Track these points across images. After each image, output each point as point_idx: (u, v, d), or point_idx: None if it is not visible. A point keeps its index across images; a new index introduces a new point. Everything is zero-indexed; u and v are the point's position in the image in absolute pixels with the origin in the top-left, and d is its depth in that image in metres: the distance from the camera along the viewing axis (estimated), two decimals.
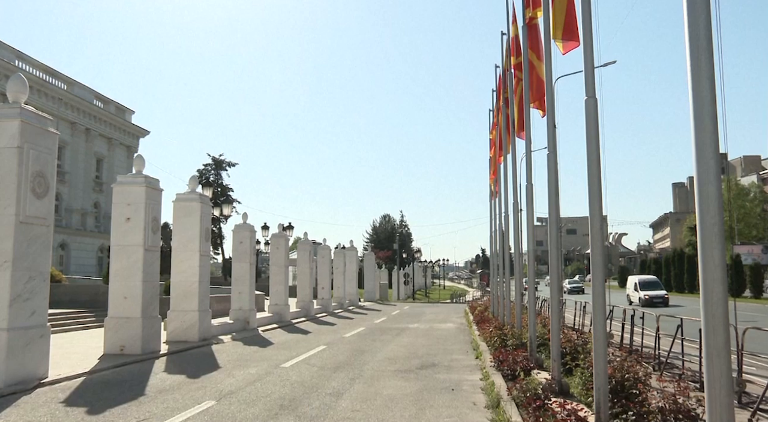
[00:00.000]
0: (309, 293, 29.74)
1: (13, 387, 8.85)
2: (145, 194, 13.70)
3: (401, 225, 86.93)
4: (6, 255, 9.20)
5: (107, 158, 51.07)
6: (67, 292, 22.35)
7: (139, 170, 14.06)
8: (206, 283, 16.76)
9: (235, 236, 21.57)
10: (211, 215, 18.05)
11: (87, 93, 48.71)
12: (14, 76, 10.07)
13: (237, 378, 10.36)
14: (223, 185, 59.06)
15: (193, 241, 16.25)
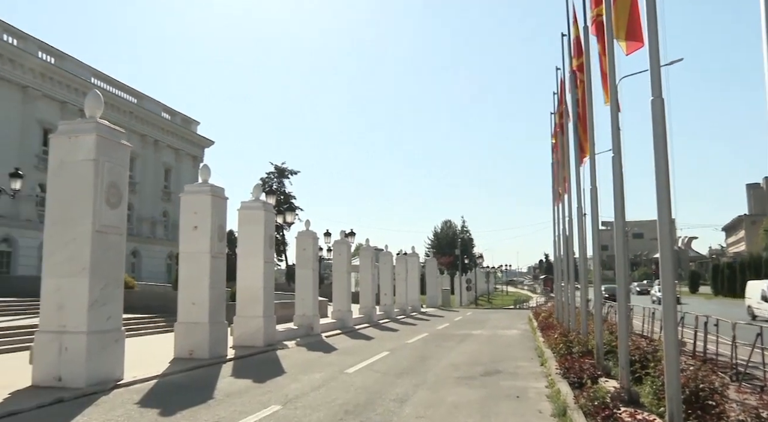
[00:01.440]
0: (371, 299, 29.86)
1: (93, 387, 9.25)
2: (211, 203, 14.06)
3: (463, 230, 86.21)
4: (84, 263, 9.62)
5: (174, 168, 52.75)
6: (139, 298, 23.16)
7: (205, 179, 14.44)
8: (271, 289, 17.06)
9: (298, 243, 21.87)
10: (274, 222, 18.37)
11: (156, 106, 50.51)
12: (91, 92, 10.56)
13: (302, 383, 10.51)
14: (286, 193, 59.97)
15: (257, 248, 16.57)
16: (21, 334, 14.86)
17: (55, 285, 9.76)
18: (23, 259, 36.77)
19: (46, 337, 9.62)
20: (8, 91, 36.77)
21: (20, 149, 36.68)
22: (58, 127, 10.35)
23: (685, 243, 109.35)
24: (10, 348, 13.87)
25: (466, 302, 59.94)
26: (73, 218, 9.79)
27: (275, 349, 15.89)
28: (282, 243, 57.67)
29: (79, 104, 37.27)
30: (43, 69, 38.75)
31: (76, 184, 9.85)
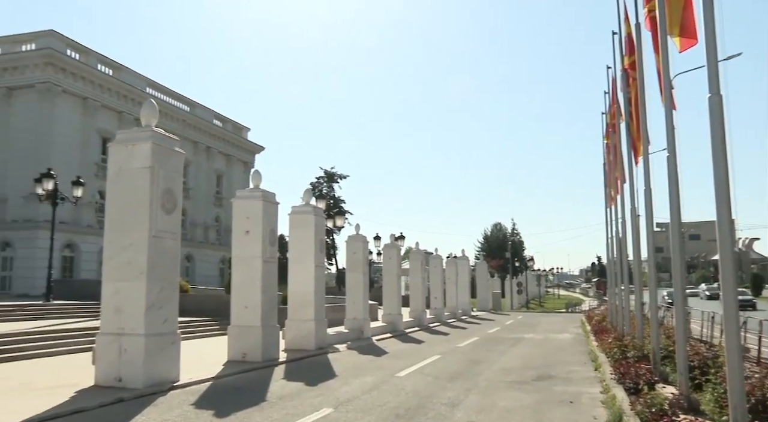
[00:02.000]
0: (422, 302, 29.81)
1: (151, 388, 9.51)
2: (263, 208, 14.27)
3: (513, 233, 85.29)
4: (141, 267, 9.90)
5: (226, 174, 53.79)
6: (193, 302, 23.66)
7: (256, 185, 14.67)
8: (321, 293, 17.20)
9: (348, 247, 22.00)
10: (324, 227, 18.53)
11: (207, 113, 51.65)
12: (146, 102, 10.87)
13: (353, 387, 10.56)
14: (336, 197, 60.43)
15: (308, 252, 16.74)
16: (84, 336, 15.37)
17: (113, 288, 10.07)
18: (85, 264, 38.05)
19: (106, 339, 9.93)
20: (70, 103, 38.18)
21: (81, 158, 37.98)
22: (116, 136, 10.68)
23: (746, 245, 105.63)
24: (75, 349, 14.36)
25: (516, 305, 59.29)
26: (131, 224, 10.09)
27: (326, 353, 16.01)
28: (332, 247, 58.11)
29: (135, 113, 38.51)
30: (102, 81, 40.10)
31: (133, 190, 10.15)
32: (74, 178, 27.76)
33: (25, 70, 37.31)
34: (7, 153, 36.72)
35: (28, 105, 37.06)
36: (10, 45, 37.97)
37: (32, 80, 36.95)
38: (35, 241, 34.91)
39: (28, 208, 35.02)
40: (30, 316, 20.86)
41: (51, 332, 16.16)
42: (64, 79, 37.58)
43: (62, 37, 37.93)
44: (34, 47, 37.32)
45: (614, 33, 16.35)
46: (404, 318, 26.19)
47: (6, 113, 37.47)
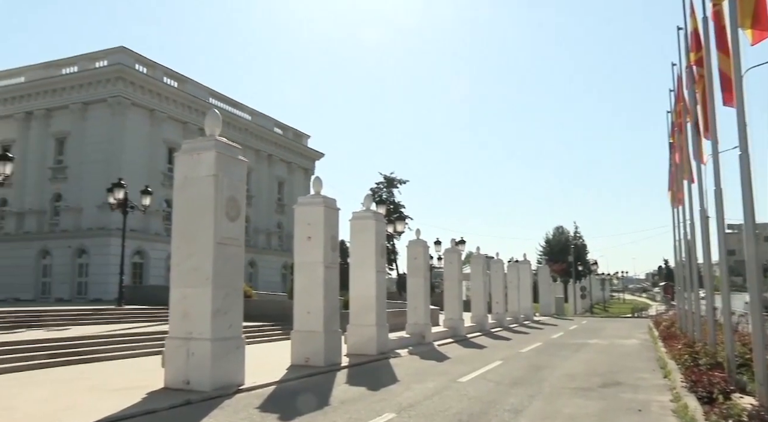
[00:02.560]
0: (483, 307, 29.57)
1: (217, 391, 9.73)
2: (324, 214, 14.43)
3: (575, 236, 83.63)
4: (207, 273, 10.15)
5: (287, 181, 54.74)
6: (257, 307, 24.10)
7: (317, 191, 14.84)
8: (383, 298, 17.25)
9: (409, 252, 22.01)
10: (385, 232, 18.60)
11: (268, 122, 52.72)
12: (210, 112, 11.16)
13: (415, 392, 10.53)
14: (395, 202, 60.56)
15: (369, 258, 16.82)
16: (154, 340, 15.89)
17: (181, 294, 10.36)
18: (153, 270, 39.37)
19: (174, 343, 10.22)
20: (139, 116, 39.71)
21: (149, 168, 39.38)
22: (182, 146, 11.00)
23: None
24: (146, 352, 14.87)
25: (580, 310, 58.09)
26: (196, 231, 10.36)
27: (388, 358, 16.04)
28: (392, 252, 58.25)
29: (199, 123, 39.69)
30: (167, 93, 41.51)
31: (199, 198, 10.43)
32: (143, 187, 28.81)
33: (98, 86, 39.04)
34: (83, 164, 38.54)
35: (101, 118, 38.79)
36: (86, 62, 39.83)
37: (105, 95, 38.64)
38: (108, 248, 36.35)
39: (102, 216, 36.54)
40: (104, 320, 21.73)
41: (123, 335, 16.79)
42: (133, 93, 39.10)
43: (131, 52, 39.49)
44: (106, 64, 39.03)
45: (679, 28, 15.85)
46: (466, 323, 26.01)
47: (82, 127, 39.32)
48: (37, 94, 41.14)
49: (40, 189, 40.38)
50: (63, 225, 39.25)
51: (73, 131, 39.72)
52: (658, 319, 33.29)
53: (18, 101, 41.88)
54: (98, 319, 21.73)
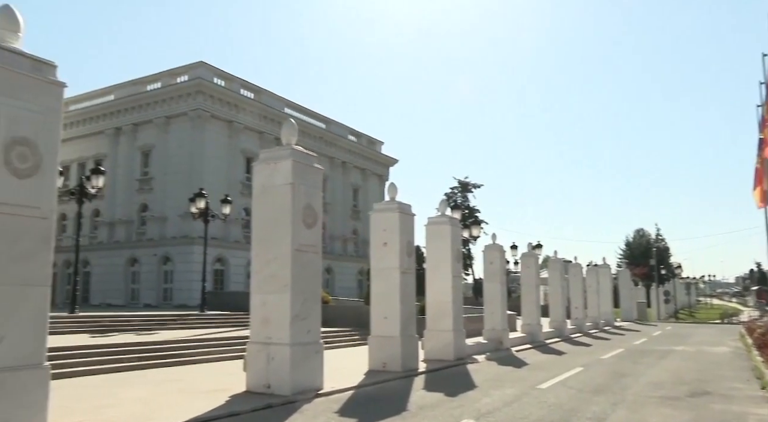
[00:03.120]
0: (561, 313, 28.96)
1: (297, 395, 9.91)
2: (399, 220, 14.49)
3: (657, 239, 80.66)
4: (285, 280, 10.38)
5: (362, 188, 55.28)
6: (334, 313, 24.46)
7: (392, 197, 14.94)
8: (459, 304, 17.16)
9: (485, 256, 21.82)
10: (461, 237, 18.51)
11: (342, 129, 53.45)
12: (286, 122, 11.43)
13: (493, 398, 10.42)
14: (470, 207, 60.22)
15: (445, 263, 16.77)
16: (235, 344, 16.37)
17: (261, 300, 10.62)
18: (234, 276, 40.57)
19: (255, 348, 10.49)
20: (218, 127, 41.11)
21: (228, 177, 40.66)
22: (259, 155, 11.30)
23: None
24: (228, 357, 15.32)
25: (664, 316, 55.92)
26: (275, 238, 10.61)
27: (465, 363, 15.93)
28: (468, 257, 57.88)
29: (275, 133, 40.74)
30: (244, 104, 42.77)
31: (276, 206, 10.68)
32: (223, 197, 29.76)
33: (180, 100, 40.68)
34: (167, 176, 40.21)
35: (183, 131, 40.39)
36: (168, 78, 41.63)
37: (185, 108, 40.21)
38: (191, 256, 37.70)
39: (185, 225, 37.96)
40: (189, 325, 22.55)
41: (207, 340, 17.38)
42: (212, 105, 40.52)
43: (210, 66, 40.96)
44: (187, 78, 40.61)
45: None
46: (544, 328, 25.53)
47: (165, 140, 41.07)
48: (125, 111, 43.33)
49: (129, 200, 42.40)
50: (149, 234, 41.04)
51: (157, 144, 41.56)
52: (751, 325, 31.58)
53: (108, 118, 44.23)
54: (183, 324, 22.58)
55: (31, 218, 6.53)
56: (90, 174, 22.41)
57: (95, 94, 45.80)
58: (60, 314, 19.79)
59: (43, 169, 6.65)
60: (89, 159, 43.55)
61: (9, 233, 6.34)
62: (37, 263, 6.57)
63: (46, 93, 6.75)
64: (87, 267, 42.07)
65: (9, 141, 6.34)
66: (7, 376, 6.15)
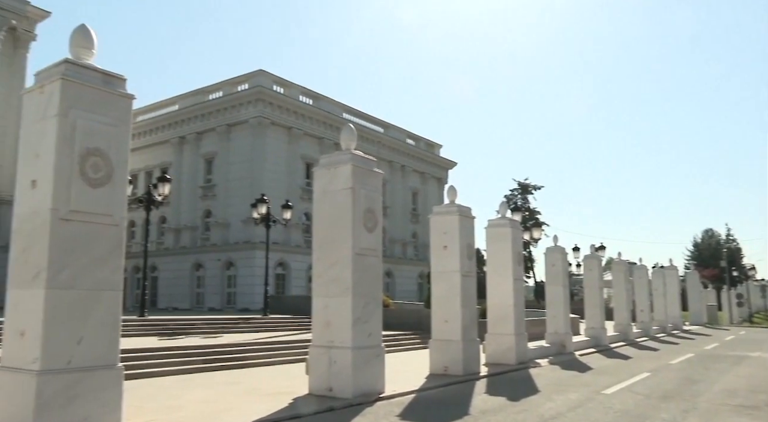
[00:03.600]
0: (626, 316, 28.24)
1: (359, 398, 9.98)
2: (459, 222, 14.43)
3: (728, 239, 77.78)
4: (347, 284, 10.47)
5: (421, 191, 55.27)
6: (394, 316, 24.52)
7: (452, 200, 14.89)
8: (521, 307, 16.96)
9: (546, 259, 21.53)
10: (521, 239, 18.31)
11: (400, 133, 53.58)
12: (345, 127, 11.55)
13: (557, 403, 10.24)
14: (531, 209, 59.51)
15: (505, 266, 16.61)
16: (297, 348, 16.60)
17: (322, 303, 10.75)
18: (295, 281, 41.18)
19: (317, 351, 10.62)
20: (278, 134, 41.88)
21: (288, 183, 41.35)
22: (319, 161, 11.45)
23: None
24: (290, 360, 15.57)
25: (737, 319, 53.79)
26: (335, 242, 10.73)
27: (527, 367, 15.73)
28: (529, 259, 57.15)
29: (334, 138, 41.25)
30: (303, 111, 43.45)
31: (337, 211, 10.80)
32: (283, 202, 30.27)
33: (241, 108, 41.64)
34: (229, 182, 41.22)
35: (244, 139, 41.33)
36: (229, 87, 42.70)
37: (246, 116, 41.12)
38: (253, 261, 38.48)
39: (247, 230, 38.78)
40: (252, 328, 23.01)
41: (270, 343, 17.70)
42: (272, 113, 41.30)
43: (269, 74, 41.76)
44: (247, 87, 41.55)
45: None
46: (608, 332, 24.92)
47: (227, 147, 42.11)
48: (188, 120, 44.66)
49: (193, 206, 43.62)
50: (213, 240, 42.10)
51: (219, 152, 42.62)
52: None
53: (173, 127, 45.68)
54: (246, 328, 23.05)
55: (103, 225, 6.82)
56: (157, 182, 23.17)
57: (160, 104, 47.41)
58: (130, 317, 20.49)
59: (114, 179, 6.94)
60: (155, 167, 45.07)
61: (84, 240, 6.64)
62: (109, 268, 6.86)
63: (116, 105, 7.05)
64: (155, 272, 43.45)
65: (84, 152, 6.65)
66: (85, 376, 6.45)
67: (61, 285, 6.42)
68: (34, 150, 6.80)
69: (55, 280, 6.38)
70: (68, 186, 6.53)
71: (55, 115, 6.55)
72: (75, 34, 7.06)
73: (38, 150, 6.72)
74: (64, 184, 6.51)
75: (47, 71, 6.88)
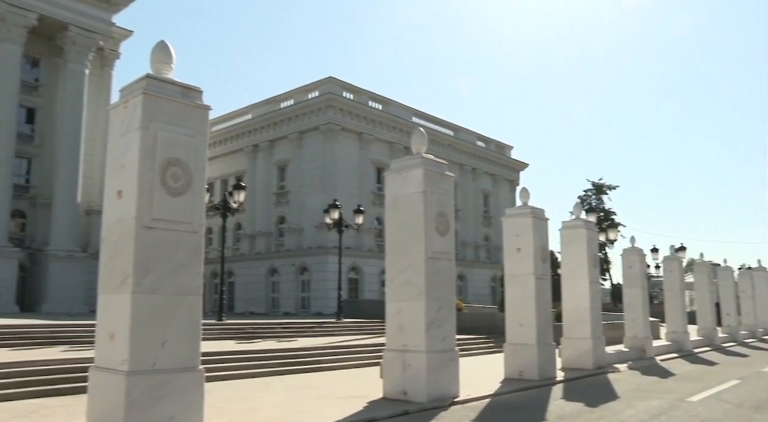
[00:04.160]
0: (711, 320, 27.05)
1: (433, 402, 9.96)
2: (532, 224, 14.22)
3: None
4: (420, 287, 10.48)
5: (492, 193, 54.75)
6: (468, 320, 24.33)
7: (524, 202, 14.70)
8: (597, 310, 16.55)
9: (623, 260, 20.95)
10: (597, 241, 17.88)
11: (470, 136, 53.27)
12: (416, 131, 11.58)
13: (638, 410, 9.91)
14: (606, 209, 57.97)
15: (581, 268, 16.26)
16: (370, 351, 16.73)
17: (396, 307, 10.80)
18: (368, 285, 41.52)
19: (391, 355, 10.66)
20: (348, 139, 42.42)
21: (359, 188, 41.77)
22: (391, 165, 11.51)
23: None
24: (363, 364, 15.69)
25: None
26: (408, 246, 10.76)
27: (605, 372, 15.31)
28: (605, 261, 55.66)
29: (404, 143, 41.45)
30: (373, 116, 43.84)
31: (409, 215, 10.83)
32: (355, 207, 30.58)
33: (312, 115, 42.42)
34: (302, 188, 42.05)
35: (315, 145, 42.06)
36: (300, 95, 43.58)
37: (317, 123, 41.84)
38: (326, 265, 39.04)
39: (320, 235, 39.40)
40: (326, 333, 23.33)
41: (343, 347, 17.89)
42: (342, 119, 41.86)
43: (339, 81, 42.36)
44: (317, 94, 42.27)
45: None
46: (691, 336, 23.95)
47: (299, 154, 42.98)
48: (261, 128, 45.83)
49: (267, 213, 44.68)
50: (287, 245, 42.97)
51: (292, 158, 43.52)
52: None
53: (247, 136, 46.99)
54: (320, 332, 23.39)
55: (184, 232, 7.08)
56: (232, 190, 23.84)
57: (234, 114, 48.85)
58: (209, 321, 21.13)
59: (193, 187, 7.20)
60: (230, 175, 46.45)
61: (166, 247, 6.92)
62: (190, 274, 7.12)
63: (194, 116, 7.32)
64: (231, 278, 44.69)
65: (164, 162, 6.94)
66: (170, 377, 6.71)
67: (145, 290, 6.71)
68: (119, 162, 7.15)
69: (140, 285, 6.68)
70: (151, 195, 6.83)
71: (138, 127, 6.87)
72: (155, 50, 7.39)
73: (123, 161, 7.05)
74: (146, 194, 6.81)
75: (130, 87, 7.23)
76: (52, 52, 36.54)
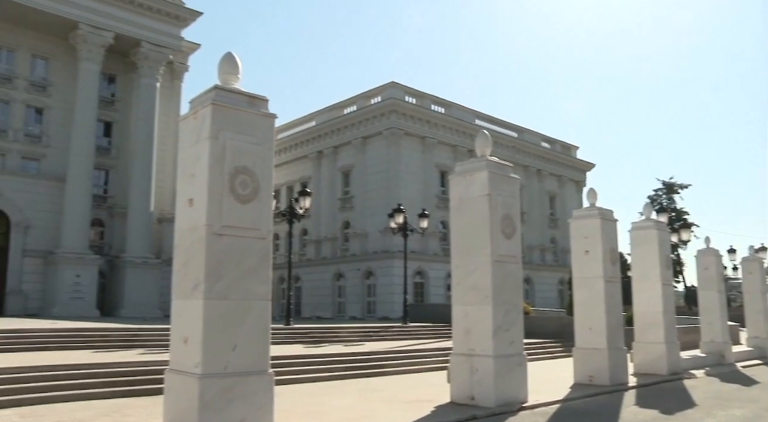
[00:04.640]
0: None
1: (501, 407, 9.87)
2: (601, 226, 13.90)
3: None
4: (486, 291, 10.40)
5: (558, 195, 53.72)
6: (535, 324, 23.97)
7: (592, 203, 14.38)
8: (671, 313, 16.02)
9: (698, 262, 20.21)
10: (669, 242, 17.31)
11: (534, 137, 52.48)
12: (480, 133, 11.52)
13: (719, 419, 9.52)
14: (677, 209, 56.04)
15: (652, 270, 15.78)
16: (437, 356, 16.68)
17: (462, 311, 10.74)
18: (433, 289, 41.38)
19: (458, 359, 10.61)
20: (412, 144, 42.45)
21: (423, 192, 41.71)
22: (455, 169, 11.49)
23: None
24: (430, 368, 15.67)
25: None
26: (474, 250, 10.69)
27: (681, 378, 14.78)
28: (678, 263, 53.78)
29: (467, 146, 41.19)
30: (436, 119, 43.74)
31: (474, 218, 10.76)
32: (420, 211, 30.56)
33: (375, 121, 42.67)
34: (366, 193, 42.34)
35: (379, 150, 42.28)
36: (363, 101, 43.95)
37: (380, 128, 42.04)
38: (391, 269, 39.13)
39: (385, 240, 39.52)
40: (392, 337, 23.40)
41: (409, 351, 17.89)
42: (405, 123, 41.93)
43: (401, 86, 42.47)
44: (380, 99, 42.52)
45: None
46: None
47: (363, 159, 43.32)
48: (325, 135, 46.42)
49: (332, 218, 45.16)
50: (352, 250, 43.31)
51: (356, 164, 43.87)
52: None
53: (311, 143, 47.68)
54: (386, 336, 23.46)
55: (252, 239, 7.26)
56: (298, 196, 24.20)
57: (299, 121, 49.65)
58: (277, 326, 21.50)
59: (260, 194, 7.37)
60: (296, 182, 47.18)
61: (236, 253, 7.10)
62: (258, 279, 7.28)
63: (260, 125, 7.50)
64: (298, 283, 45.36)
65: (233, 170, 7.14)
66: (240, 380, 6.89)
67: (216, 296, 6.91)
68: (190, 171, 7.39)
69: (212, 291, 6.88)
70: (220, 203, 7.03)
71: (207, 137, 7.09)
72: (222, 62, 7.62)
73: (194, 170, 7.29)
74: (216, 201, 7.01)
75: (199, 98, 7.48)
76: (127, 67, 38.13)
